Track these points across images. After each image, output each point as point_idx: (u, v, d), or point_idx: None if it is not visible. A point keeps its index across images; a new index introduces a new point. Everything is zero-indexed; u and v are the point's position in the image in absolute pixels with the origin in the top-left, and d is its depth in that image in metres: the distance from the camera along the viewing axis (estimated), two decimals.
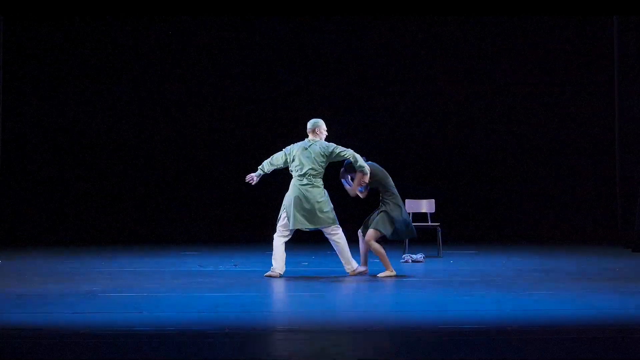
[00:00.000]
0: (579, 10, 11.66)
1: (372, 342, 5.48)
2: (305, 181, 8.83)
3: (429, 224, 11.43)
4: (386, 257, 8.80)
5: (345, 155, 8.80)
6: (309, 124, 9.10)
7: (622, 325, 5.98)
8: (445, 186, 13.75)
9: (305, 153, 8.87)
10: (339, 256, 8.88)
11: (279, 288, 8.06)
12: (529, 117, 14.11)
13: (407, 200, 11.62)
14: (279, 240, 8.87)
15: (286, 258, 8.89)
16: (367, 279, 8.67)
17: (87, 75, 13.89)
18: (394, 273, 8.80)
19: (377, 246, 8.73)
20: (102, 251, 12.02)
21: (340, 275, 8.90)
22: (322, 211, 8.77)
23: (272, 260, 8.86)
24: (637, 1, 10.14)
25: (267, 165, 9.22)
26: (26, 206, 13.69)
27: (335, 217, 8.82)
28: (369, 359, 5.05)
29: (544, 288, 7.89)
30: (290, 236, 8.93)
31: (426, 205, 11.70)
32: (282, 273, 8.81)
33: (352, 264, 8.85)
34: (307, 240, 13.28)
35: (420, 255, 10.69)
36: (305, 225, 8.80)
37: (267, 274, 8.81)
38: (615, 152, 12.85)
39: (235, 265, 10.05)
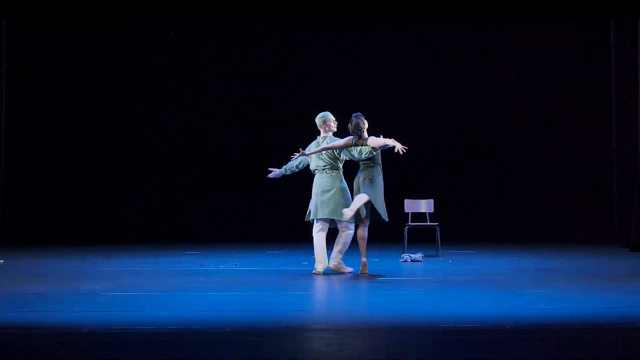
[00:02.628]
0: (577, 13, 11.71)
1: (370, 341, 5.52)
2: (323, 175, 8.97)
3: (428, 223, 11.47)
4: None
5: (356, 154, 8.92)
6: (317, 119, 9.19)
7: (620, 324, 6.00)
8: (443, 186, 13.79)
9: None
10: (339, 248, 8.92)
11: (279, 287, 8.09)
12: (527, 117, 14.15)
13: (406, 200, 11.69)
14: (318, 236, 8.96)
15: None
16: (365, 278, 8.71)
17: (91, 76, 13.92)
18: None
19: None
20: (104, 251, 12.05)
21: (339, 274, 8.94)
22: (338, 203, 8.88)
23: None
24: (633, 4, 10.19)
25: (290, 168, 9.33)
26: (28, 206, 13.72)
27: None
28: (367, 358, 5.08)
29: (541, 287, 7.91)
30: (325, 229, 8.99)
31: (425, 205, 11.74)
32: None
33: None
34: (306, 240, 13.34)
35: (419, 255, 10.73)
36: (325, 215, 8.88)
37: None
38: (613, 152, 12.89)
39: (236, 265, 10.09)
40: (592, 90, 13.89)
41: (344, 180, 9.04)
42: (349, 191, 8.97)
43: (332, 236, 9.11)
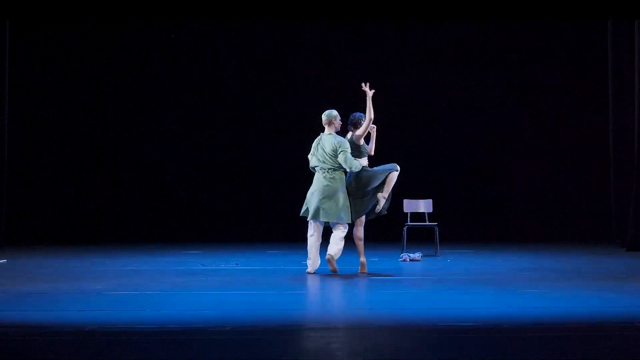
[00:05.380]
0: (575, 16, 11.78)
1: (369, 340, 5.57)
2: (325, 175, 8.90)
3: (427, 223, 11.54)
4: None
5: (339, 159, 8.87)
6: (323, 116, 9.08)
7: (617, 323, 6.04)
8: (442, 186, 13.85)
9: (319, 147, 8.95)
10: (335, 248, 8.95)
11: (279, 286, 8.15)
12: (524, 118, 14.21)
13: (405, 200, 11.76)
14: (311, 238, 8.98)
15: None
16: (365, 278, 8.76)
17: (94, 76, 13.97)
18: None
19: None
20: (105, 250, 12.10)
21: (339, 274, 8.99)
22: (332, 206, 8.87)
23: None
24: (630, 7, 10.26)
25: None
26: (31, 206, 13.77)
27: (344, 216, 8.86)
28: (366, 357, 5.13)
29: (539, 287, 7.95)
30: (319, 230, 8.98)
31: (424, 205, 11.81)
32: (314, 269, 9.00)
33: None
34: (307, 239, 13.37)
35: (418, 255, 10.80)
36: (321, 218, 8.85)
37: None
38: (609, 152, 12.96)
39: (237, 265, 10.15)
40: (590, 91, 13.94)
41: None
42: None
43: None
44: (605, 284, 8.19)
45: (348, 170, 8.92)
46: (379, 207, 8.88)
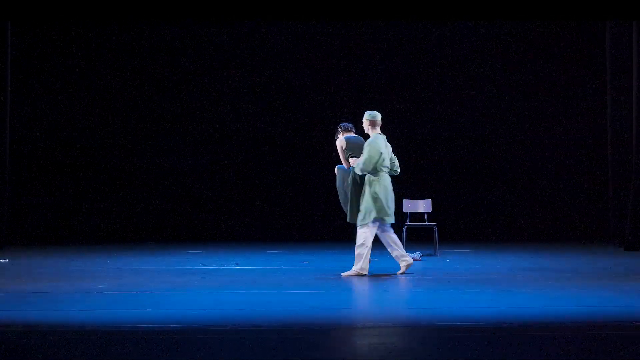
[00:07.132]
0: (575, 16, 11.81)
1: (368, 340, 5.58)
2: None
3: (426, 223, 11.56)
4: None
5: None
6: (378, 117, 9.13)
7: (615, 323, 6.05)
8: (441, 186, 13.86)
9: (386, 148, 9.08)
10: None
11: (279, 286, 8.16)
12: (523, 118, 14.22)
13: (404, 200, 11.77)
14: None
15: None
16: (364, 278, 8.77)
17: (95, 77, 13.98)
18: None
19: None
20: (107, 250, 12.11)
21: (339, 273, 9.00)
22: None
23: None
24: (630, 7, 10.28)
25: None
26: (32, 206, 13.78)
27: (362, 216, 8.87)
28: (365, 356, 5.14)
29: (538, 286, 7.96)
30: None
31: (423, 205, 11.83)
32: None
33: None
34: (307, 239, 13.41)
35: (417, 254, 10.81)
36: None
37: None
38: (608, 152, 12.97)
39: (237, 264, 10.16)
40: (588, 91, 13.96)
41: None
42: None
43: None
44: (604, 283, 8.20)
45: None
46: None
